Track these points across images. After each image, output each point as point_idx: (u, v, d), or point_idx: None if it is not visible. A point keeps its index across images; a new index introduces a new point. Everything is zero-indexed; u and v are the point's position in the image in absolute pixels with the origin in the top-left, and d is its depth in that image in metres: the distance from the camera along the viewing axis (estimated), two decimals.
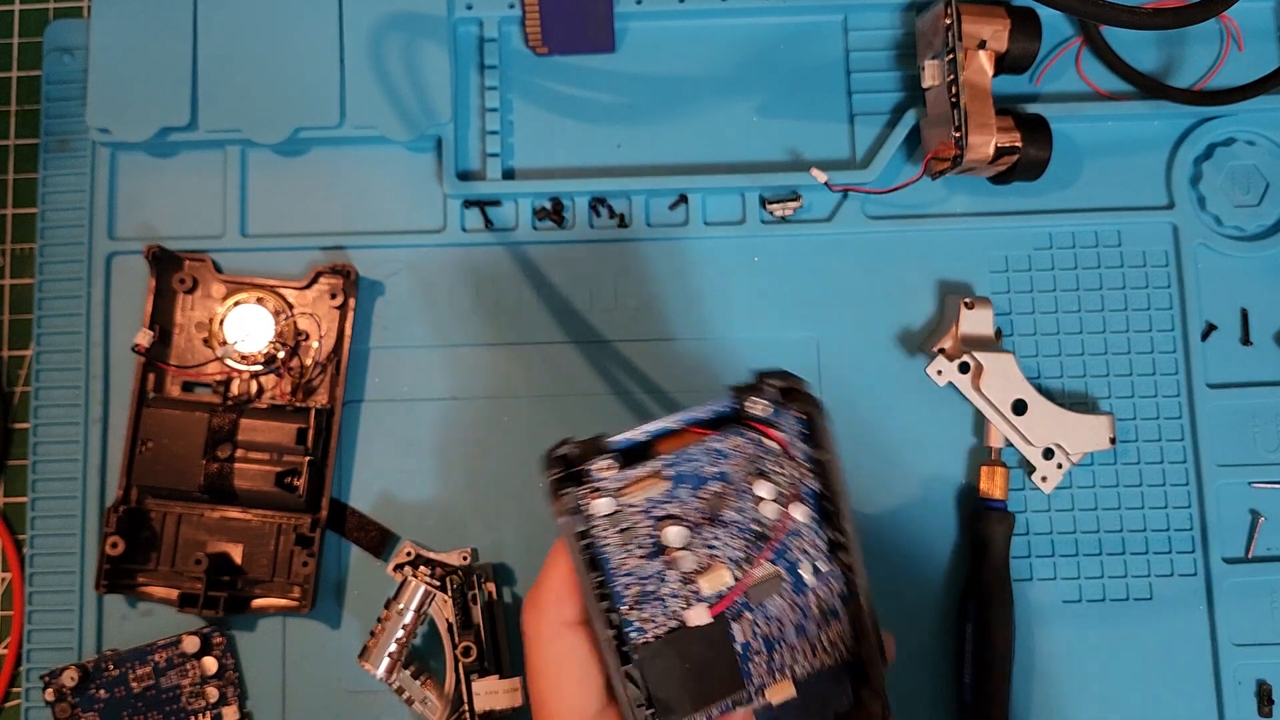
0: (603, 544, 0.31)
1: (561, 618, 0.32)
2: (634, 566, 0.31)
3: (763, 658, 0.32)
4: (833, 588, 0.33)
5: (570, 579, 0.31)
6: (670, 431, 0.32)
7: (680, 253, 0.51)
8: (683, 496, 0.32)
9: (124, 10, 0.50)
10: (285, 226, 0.51)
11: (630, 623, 0.31)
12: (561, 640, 0.31)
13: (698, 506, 0.32)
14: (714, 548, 0.32)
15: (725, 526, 0.32)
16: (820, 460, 0.32)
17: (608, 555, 0.31)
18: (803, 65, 0.53)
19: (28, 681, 0.48)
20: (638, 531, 0.31)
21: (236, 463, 0.47)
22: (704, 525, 0.32)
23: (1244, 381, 0.50)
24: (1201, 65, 0.53)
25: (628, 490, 0.31)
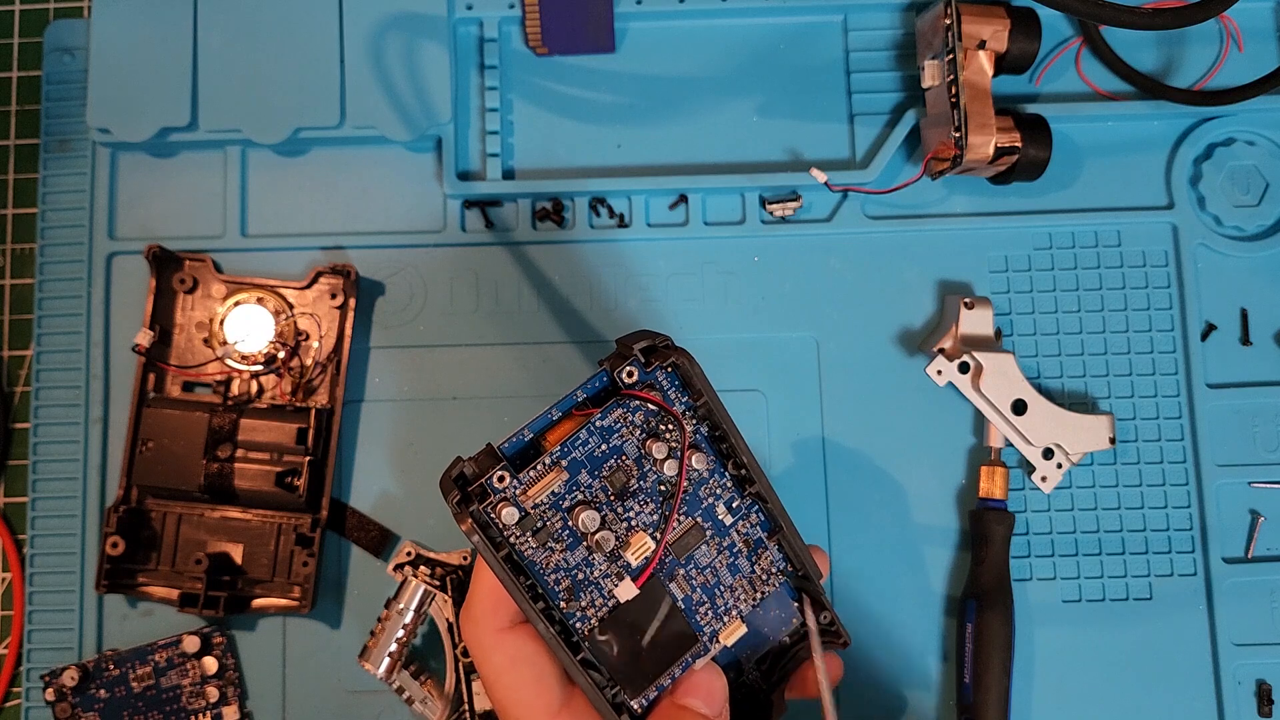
0: (522, 549, 0.32)
1: (496, 624, 0.32)
2: (559, 561, 0.32)
3: (707, 606, 0.33)
4: (752, 519, 0.34)
5: (497, 586, 0.32)
6: (555, 421, 0.33)
7: (680, 253, 0.51)
8: (585, 481, 0.32)
9: (124, 10, 0.50)
10: (285, 226, 0.51)
11: (571, 615, 0.32)
12: (503, 645, 0.32)
13: (603, 486, 0.32)
14: (629, 520, 0.32)
15: (634, 496, 0.32)
16: (701, 405, 0.33)
17: (531, 559, 0.32)
18: (803, 65, 0.53)
19: (28, 681, 0.48)
20: (552, 527, 0.32)
21: (237, 463, 0.47)
22: (614, 502, 0.32)
23: (1244, 381, 0.50)
24: (1201, 65, 0.53)
25: (531, 493, 0.32)
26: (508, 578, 0.31)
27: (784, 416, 0.50)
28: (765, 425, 0.50)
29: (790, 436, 0.50)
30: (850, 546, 0.49)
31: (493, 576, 0.32)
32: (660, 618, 0.33)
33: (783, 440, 0.50)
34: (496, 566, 0.31)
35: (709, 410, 0.33)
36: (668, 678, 0.33)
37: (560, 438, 0.32)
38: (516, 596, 0.31)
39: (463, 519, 0.31)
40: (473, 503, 0.31)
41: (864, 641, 0.49)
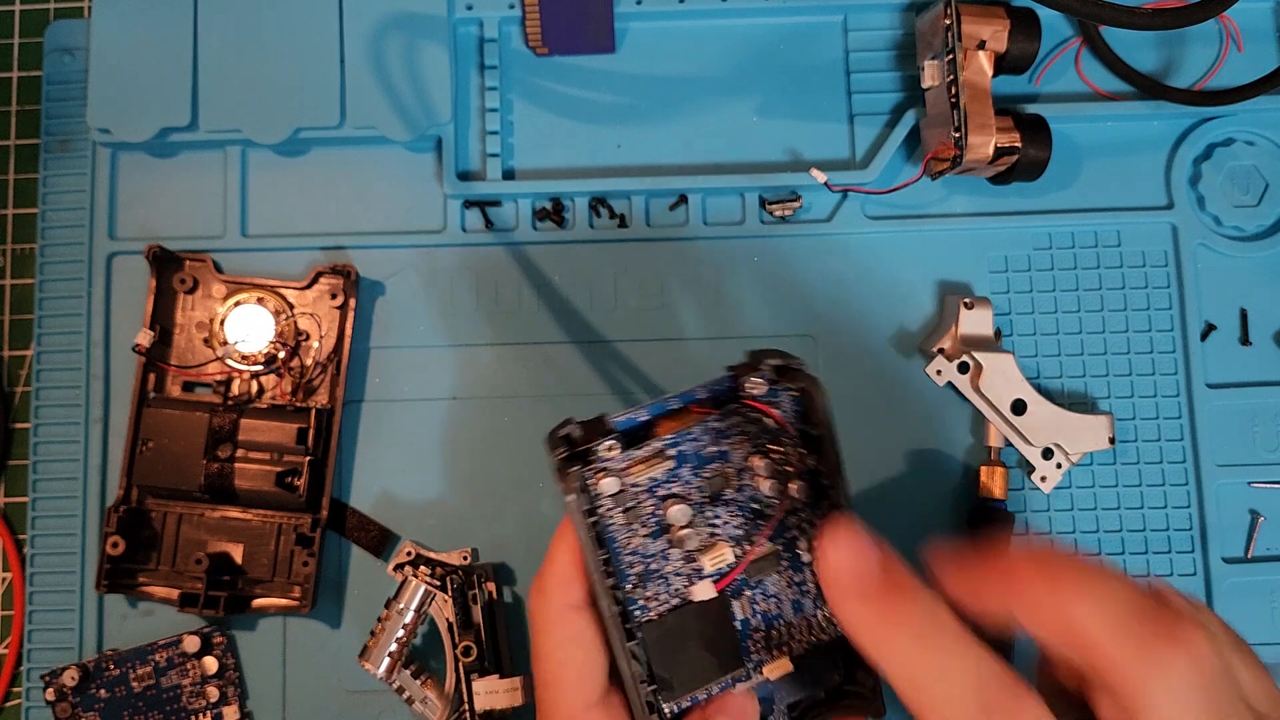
0: (608, 523, 0.31)
1: (567, 600, 0.31)
2: (638, 545, 0.31)
3: (761, 635, 0.32)
4: None
5: (575, 561, 0.31)
6: (671, 411, 0.32)
7: (680, 253, 0.51)
8: (685, 476, 0.32)
9: (124, 10, 0.50)
10: (286, 226, 0.51)
11: (634, 601, 0.31)
12: (568, 623, 0.31)
13: (699, 486, 0.32)
14: (715, 526, 0.32)
15: (726, 505, 0.32)
16: (817, 436, 0.32)
17: (613, 534, 0.31)
18: (803, 65, 0.53)
19: (28, 681, 0.48)
20: (642, 511, 0.31)
21: (237, 463, 0.47)
22: (705, 504, 0.32)
23: (1243, 381, 0.50)
24: (1201, 65, 0.53)
25: (633, 470, 0.31)
26: (592, 547, 0.30)
27: None
28: None
29: None
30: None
31: (569, 551, 0.31)
32: (716, 631, 0.32)
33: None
34: (585, 534, 0.30)
35: (822, 444, 0.32)
36: (704, 692, 0.32)
37: (672, 429, 0.32)
38: (593, 567, 0.30)
39: (566, 479, 0.30)
40: (576, 464, 0.31)
41: None
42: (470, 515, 0.50)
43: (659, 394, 0.50)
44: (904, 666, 0.25)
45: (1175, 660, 0.23)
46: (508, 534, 0.49)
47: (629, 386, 0.50)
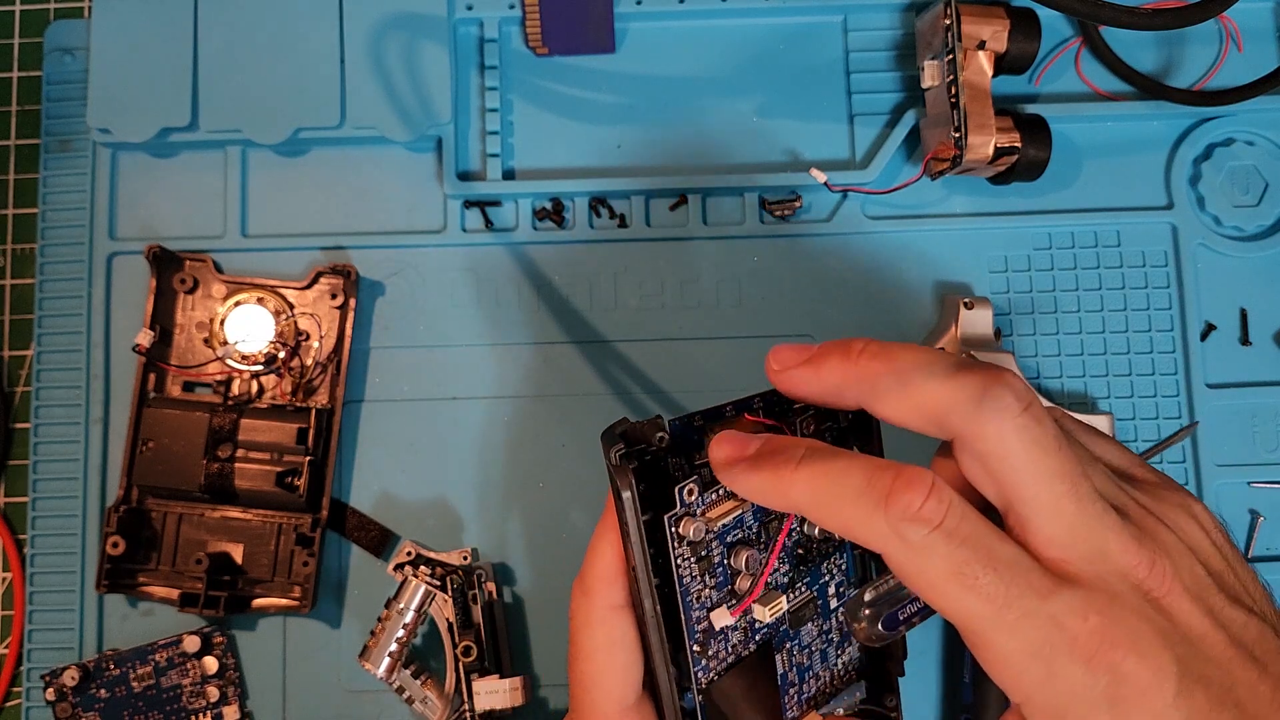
0: (683, 569, 0.30)
1: (611, 600, 0.31)
2: (706, 597, 0.30)
3: (795, 690, 0.32)
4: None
5: (618, 560, 0.31)
6: (728, 417, 0.31)
7: (680, 253, 0.51)
8: (748, 521, 0.31)
9: (124, 10, 0.50)
10: (286, 227, 0.51)
11: (699, 661, 0.30)
12: (611, 624, 0.31)
13: (758, 531, 0.31)
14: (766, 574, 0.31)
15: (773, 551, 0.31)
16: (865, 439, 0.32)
17: (686, 584, 0.30)
18: (803, 65, 0.53)
19: (28, 681, 0.48)
20: (712, 559, 0.30)
21: (237, 462, 0.47)
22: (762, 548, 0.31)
23: (1243, 381, 0.50)
24: (1201, 65, 0.53)
25: (711, 514, 0.30)
26: (641, 545, 0.29)
27: None
28: None
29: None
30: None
31: (613, 551, 0.31)
32: (763, 688, 0.31)
33: None
34: (636, 531, 0.29)
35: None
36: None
37: (727, 435, 0.30)
38: (641, 565, 0.29)
39: (623, 475, 0.29)
40: (633, 461, 0.29)
41: None
42: (470, 515, 0.50)
43: (657, 394, 0.50)
44: (807, 497, 0.27)
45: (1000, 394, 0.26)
46: (508, 534, 0.49)
47: (629, 386, 0.50)
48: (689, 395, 0.50)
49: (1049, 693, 0.25)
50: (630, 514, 0.29)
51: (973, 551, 0.25)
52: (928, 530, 0.25)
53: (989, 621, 0.25)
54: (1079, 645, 0.24)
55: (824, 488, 0.27)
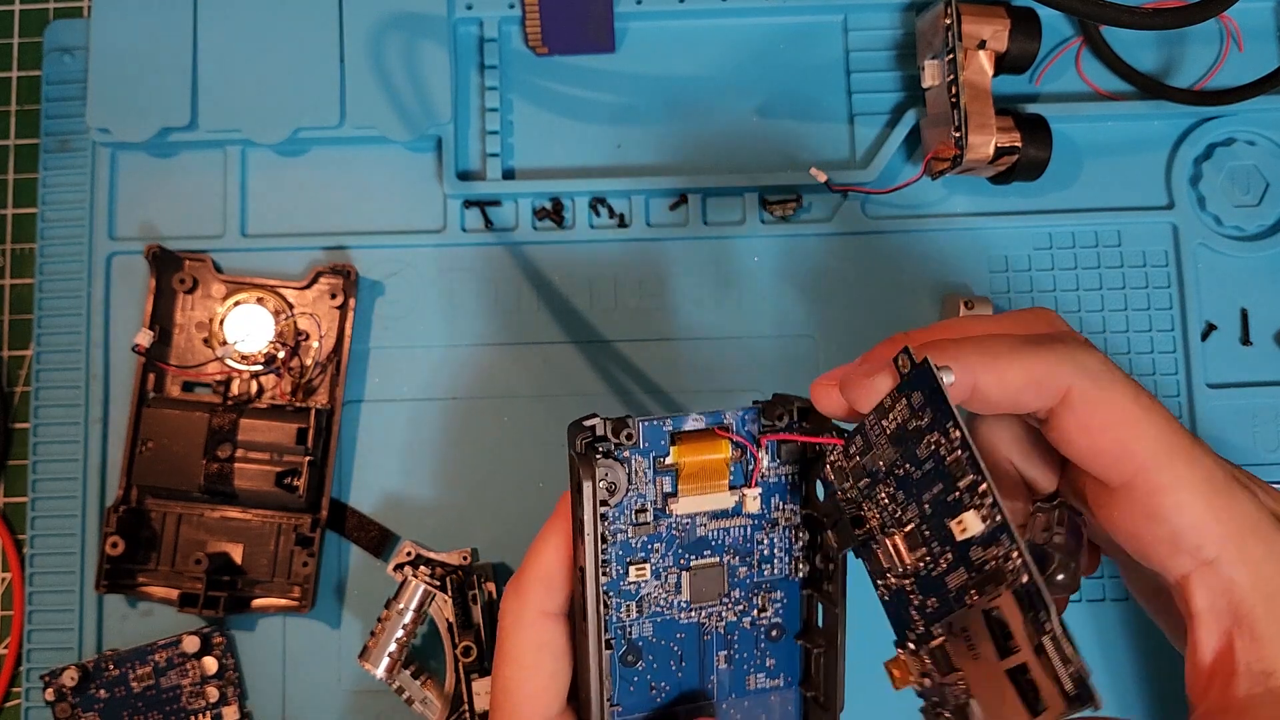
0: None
1: (543, 605, 0.31)
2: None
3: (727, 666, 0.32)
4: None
5: (559, 566, 0.30)
6: (696, 430, 0.31)
7: (680, 253, 0.51)
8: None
9: (124, 10, 0.50)
10: (285, 226, 0.51)
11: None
12: (541, 628, 0.30)
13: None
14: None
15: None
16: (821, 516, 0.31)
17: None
18: (803, 65, 0.53)
19: (28, 681, 0.48)
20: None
21: (236, 463, 0.47)
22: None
23: (1244, 381, 0.50)
24: (1201, 65, 0.53)
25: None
26: (595, 543, 0.29)
27: None
28: None
29: None
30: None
31: (555, 555, 0.30)
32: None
33: None
34: (590, 526, 0.29)
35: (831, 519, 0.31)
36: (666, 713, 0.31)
37: (690, 448, 0.31)
38: (591, 564, 0.29)
39: (586, 465, 0.29)
40: (597, 453, 0.30)
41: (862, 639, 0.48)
42: (470, 515, 0.50)
43: (657, 394, 0.50)
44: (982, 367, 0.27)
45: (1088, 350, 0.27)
46: (508, 534, 0.49)
47: (629, 386, 0.50)
48: (689, 395, 0.50)
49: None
50: (588, 508, 0.29)
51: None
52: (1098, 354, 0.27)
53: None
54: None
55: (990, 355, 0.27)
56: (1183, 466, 0.26)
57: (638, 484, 0.31)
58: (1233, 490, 0.26)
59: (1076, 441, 0.27)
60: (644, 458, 0.31)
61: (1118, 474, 0.27)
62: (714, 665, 0.32)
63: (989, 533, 0.26)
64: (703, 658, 0.32)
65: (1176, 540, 0.26)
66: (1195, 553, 0.26)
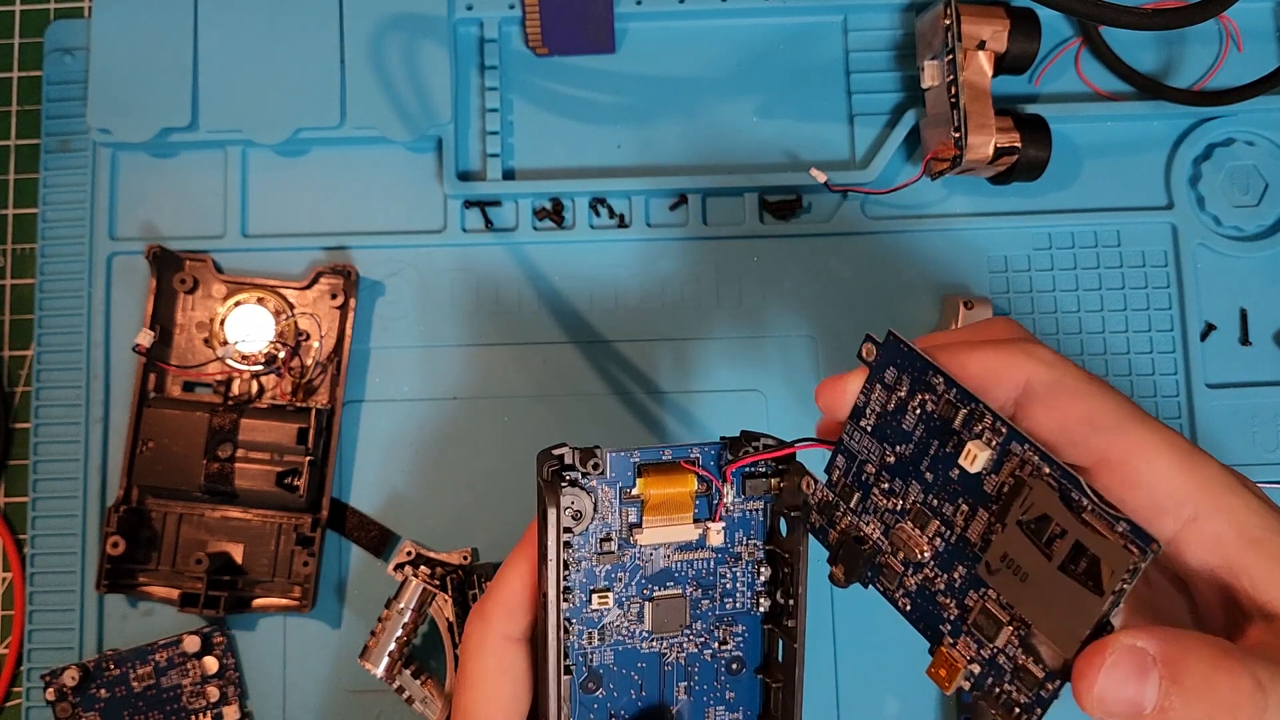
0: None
1: (506, 630, 0.31)
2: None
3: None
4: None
5: (523, 591, 0.31)
6: (662, 462, 0.32)
7: (679, 253, 0.51)
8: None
9: (124, 10, 0.50)
10: (286, 227, 0.51)
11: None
12: (503, 653, 0.31)
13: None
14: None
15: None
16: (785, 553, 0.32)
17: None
18: (803, 65, 0.53)
19: (28, 681, 0.48)
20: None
21: (237, 462, 0.47)
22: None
23: (1243, 381, 0.50)
24: (1201, 65, 0.53)
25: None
26: (557, 569, 0.30)
27: (784, 416, 0.50)
28: (765, 425, 0.50)
29: (790, 437, 0.50)
30: None
31: (520, 582, 0.31)
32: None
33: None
34: (554, 552, 0.29)
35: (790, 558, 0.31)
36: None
37: (657, 480, 0.31)
38: (552, 588, 0.30)
39: (551, 492, 0.30)
40: (563, 484, 0.30)
41: (862, 640, 0.49)
42: (470, 515, 0.50)
43: (657, 394, 0.50)
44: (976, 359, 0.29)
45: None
46: (508, 534, 0.49)
47: (629, 386, 0.50)
48: (689, 395, 0.50)
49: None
50: (552, 535, 0.30)
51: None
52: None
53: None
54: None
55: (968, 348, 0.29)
56: (1148, 432, 0.27)
57: (603, 513, 0.31)
58: (1195, 453, 0.27)
59: (1046, 424, 0.28)
60: (610, 488, 0.31)
61: (1090, 450, 0.27)
62: (674, 695, 0.32)
63: (999, 451, 0.26)
64: (663, 688, 0.32)
65: (1157, 503, 0.26)
66: (1177, 511, 0.26)
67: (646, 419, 0.50)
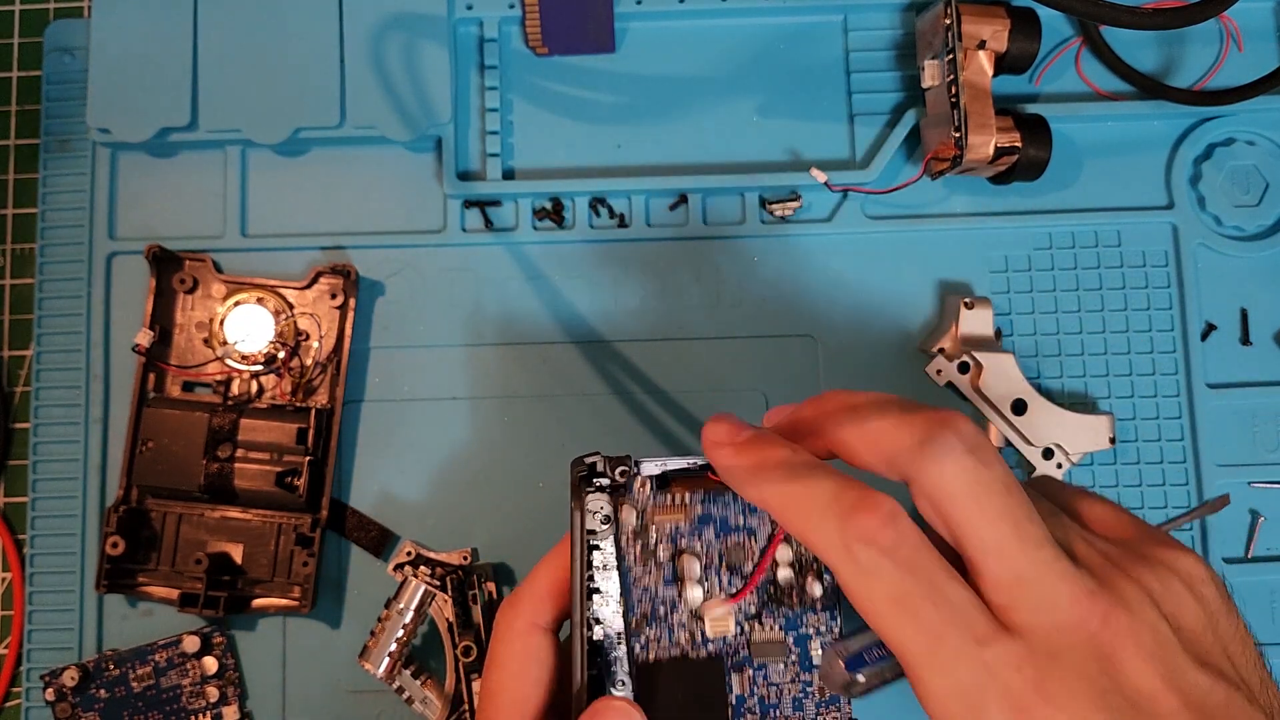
0: (625, 554, 0.31)
1: (536, 619, 0.32)
2: (649, 584, 0.31)
3: (755, 717, 0.32)
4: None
5: (556, 584, 0.32)
6: (693, 470, 0.32)
7: (680, 253, 0.51)
8: (709, 537, 0.32)
9: (124, 10, 0.50)
10: (285, 226, 0.51)
11: (637, 635, 0.31)
12: (529, 638, 0.32)
13: (720, 551, 0.32)
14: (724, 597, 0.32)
15: (740, 579, 0.32)
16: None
17: (628, 566, 0.31)
18: (803, 65, 0.53)
19: (28, 681, 0.48)
20: (660, 554, 0.31)
21: (237, 462, 0.47)
22: (721, 570, 0.32)
23: (1244, 381, 0.50)
24: (1201, 65, 0.53)
25: (658, 515, 0.31)
26: (581, 564, 0.31)
27: None
28: None
29: None
30: None
31: (553, 572, 0.32)
32: (708, 691, 0.31)
33: None
34: (579, 549, 0.31)
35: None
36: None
37: (687, 489, 0.32)
38: (578, 586, 0.31)
39: (578, 494, 0.31)
40: (590, 489, 0.31)
41: None
42: (470, 515, 0.50)
43: (657, 393, 0.50)
44: (776, 495, 0.28)
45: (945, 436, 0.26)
46: (508, 534, 0.49)
47: (629, 386, 0.50)
48: (689, 395, 0.50)
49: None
50: (576, 531, 0.31)
51: (917, 582, 0.25)
52: (877, 553, 0.25)
53: (923, 656, 0.25)
54: (1009, 696, 0.24)
55: (795, 490, 0.27)
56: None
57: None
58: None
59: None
60: (639, 494, 0.32)
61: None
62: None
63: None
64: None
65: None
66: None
67: (647, 419, 0.50)
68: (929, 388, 0.49)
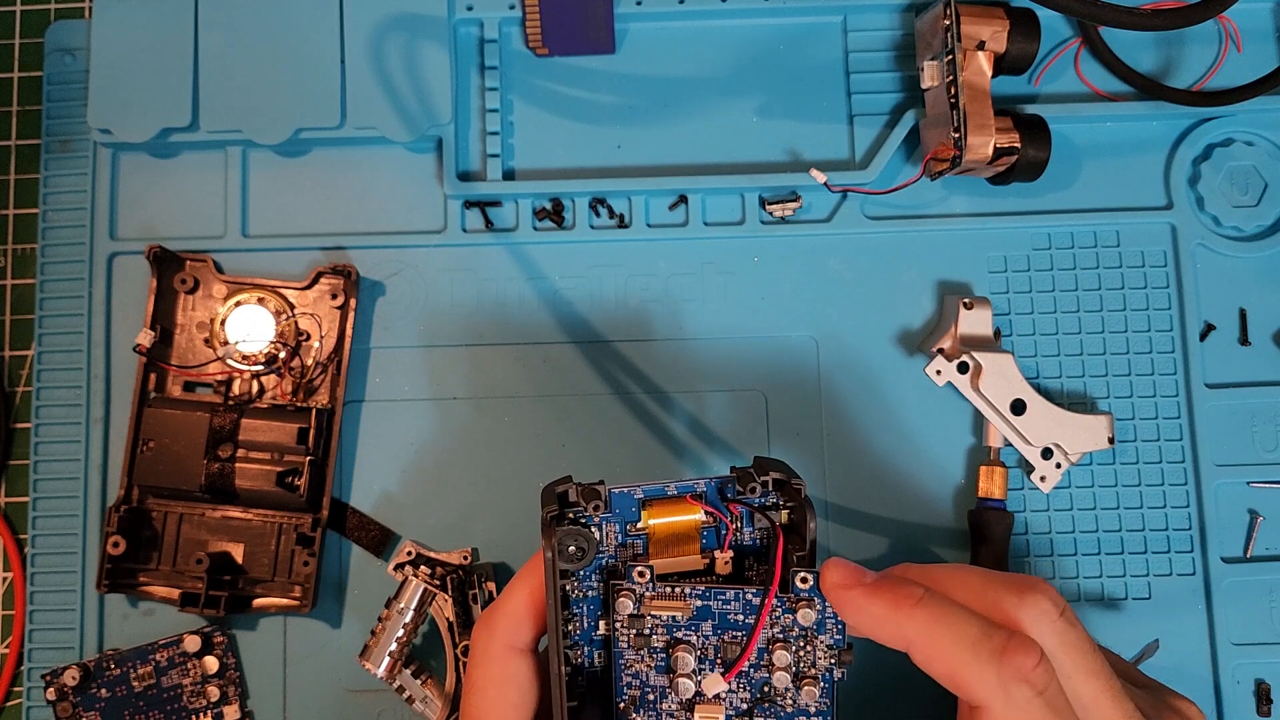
0: (620, 639, 0.31)
1: (511, 640, 0.32)
2: (640, 671, 0.32)
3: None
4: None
5: (531, 604, 0.32)
6: (667, 496, 0.32)
7: (680, 253, 0.51)
8: (706, 631, 0.32)
9: (125, 11, 0.50)
10: (286, 227, 0.51)
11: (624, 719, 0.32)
12: (507, 662, 0.32)
13: (715, 646, 0.32)
14: (719, 694, 0.32)
15: (739, 676, 0.32)
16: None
17: (621, 650, 0.31)
18: (803, 65, 0.53)
19: (29, 681, 0.49)
20: (654, 642, 0.32)
21: (237, 462, 0.47)
22: (716, 664, 0.32)
23: (1242, 381, 0.50)
24: (1200, 66, 0.53)
25: (655, 603, 0.31)
26: (556, 605, 0.31)
27: (784, 416, 0.50)
28: (765, 425, 0.50)
29: (790, 436, 0.50)
30: (850, 546, 0.49)
31: (527, 592, 0.32)
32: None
33: (783, 440, 0.50)
34: (551, 593, 0.31)
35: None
36: None
37: (662, 514, 0.32)
38: (553, 625, 0.31)
39: (549, 534, 0.31)
40: (564, 522, 0.32)
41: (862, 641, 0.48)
42: (470, 515, 0.50)
43: (657, 394, 0.50)
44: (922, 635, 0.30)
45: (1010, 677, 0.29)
46: (508, 534, 0.49)
47: (629, 387, 0.50)
48: (689, 395, 0.50)
49: None
50: (548, 575, 0.31)
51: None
52: (1031, 693, 0.28)
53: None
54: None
55: (941, 629, 0.30)
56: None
57: (609, 547, 0.32)
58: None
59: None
60: (615, 523, 0.32)
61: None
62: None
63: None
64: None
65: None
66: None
67: (646, 419, 0.50)
68: (929, 387, 0.49)
